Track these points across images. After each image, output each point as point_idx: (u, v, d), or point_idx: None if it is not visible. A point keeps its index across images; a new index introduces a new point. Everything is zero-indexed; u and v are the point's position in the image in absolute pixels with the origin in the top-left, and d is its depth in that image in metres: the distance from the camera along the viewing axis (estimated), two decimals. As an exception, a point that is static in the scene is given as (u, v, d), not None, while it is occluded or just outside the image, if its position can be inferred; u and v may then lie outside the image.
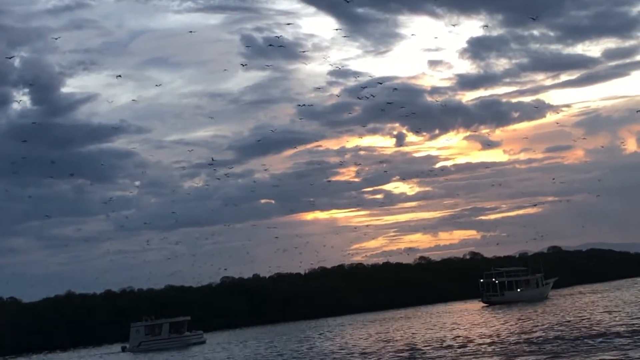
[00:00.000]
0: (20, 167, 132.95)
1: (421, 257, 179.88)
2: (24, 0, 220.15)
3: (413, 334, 63.39)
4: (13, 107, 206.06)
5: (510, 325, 61.10)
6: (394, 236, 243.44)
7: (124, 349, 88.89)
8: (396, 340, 57.53)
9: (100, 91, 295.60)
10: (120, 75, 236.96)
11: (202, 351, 73.96)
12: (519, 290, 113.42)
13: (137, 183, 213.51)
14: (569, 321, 58.13)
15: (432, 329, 66.73)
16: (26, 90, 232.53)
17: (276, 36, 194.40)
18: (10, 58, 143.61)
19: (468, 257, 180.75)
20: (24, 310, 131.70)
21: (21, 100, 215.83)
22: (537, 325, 57.36)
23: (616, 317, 57.39)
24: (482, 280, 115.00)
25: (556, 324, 56.37)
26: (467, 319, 79.84)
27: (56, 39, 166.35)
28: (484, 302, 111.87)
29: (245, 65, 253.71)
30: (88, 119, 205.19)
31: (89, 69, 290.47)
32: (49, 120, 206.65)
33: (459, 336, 55.31)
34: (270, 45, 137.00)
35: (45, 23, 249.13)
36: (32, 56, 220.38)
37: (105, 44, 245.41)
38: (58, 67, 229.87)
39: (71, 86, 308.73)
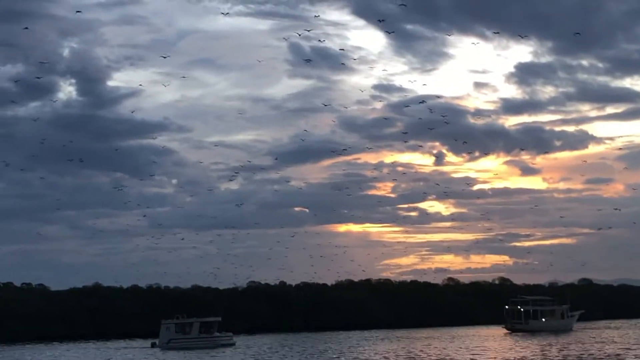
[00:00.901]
0: (60, 156, 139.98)
1: (449, 279, 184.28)
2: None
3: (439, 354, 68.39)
4: (59, 96, 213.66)
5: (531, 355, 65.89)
6: (425, 255, 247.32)
7: (153, 345, 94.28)
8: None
9: (145, 87, 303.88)
10: (166, 85, 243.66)
11: (233, 354, 79.26)
12: (543, 319, 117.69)
13: (174, 181, 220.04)
14: (590, 354, 62.78)
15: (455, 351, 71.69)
16: (73, 80, 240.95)
17: (323, 45, 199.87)
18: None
19: (497, 282, 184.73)
20: (51, 298, 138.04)
21: (68, 90, 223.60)
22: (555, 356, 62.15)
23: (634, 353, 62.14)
24: (507, 307, 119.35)
25: (574, 357, 61.11)
26: (488, 345, 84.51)
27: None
28: (507, 329, 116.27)
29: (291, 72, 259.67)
30: (131, 114, 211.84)
31: (136, 65, 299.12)
32: (93, 112, 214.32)
33: None
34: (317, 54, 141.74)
35: (97, 16, 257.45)
36: (81, 47, 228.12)
37: (154, 41, 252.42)
38: (106, 60, 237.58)
39: (117, 80, 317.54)
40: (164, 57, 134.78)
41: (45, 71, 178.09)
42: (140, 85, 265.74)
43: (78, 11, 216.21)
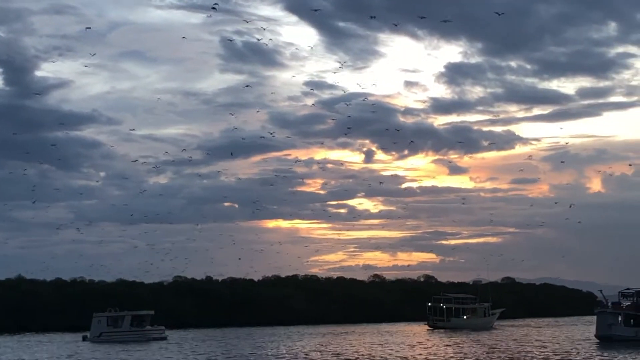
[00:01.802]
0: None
1: (375, 275, 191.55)
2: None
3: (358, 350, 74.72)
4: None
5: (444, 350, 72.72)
6: (353, 252, 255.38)
7: (84, 339, 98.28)
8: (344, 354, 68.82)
9: (74, 78, 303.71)
10: (86, 66, 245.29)
11: (165, 347, 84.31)
12: (464, 317, 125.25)
13: (102, 174, 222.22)
14: (501, 351, 69.81)
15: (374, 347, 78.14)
16: (0, 69, 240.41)
17: (256, 40, 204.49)
18: None
19: (422, 279, 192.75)
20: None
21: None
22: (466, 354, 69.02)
23: (545, 351, 69.33)
24: (429, 304, 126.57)
25: (487, 353, 68.05)
26: (399, 340, 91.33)
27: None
28: (430, 326, 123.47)
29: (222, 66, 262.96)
30: (59, 104, 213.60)
31: (65, 55, 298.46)
32: (21, 102, 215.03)
33: (404, 357, 66.74)
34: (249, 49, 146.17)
35: (26, 5, 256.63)
36: (9, 36, 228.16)
37: (83, 32, 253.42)
38: (34, 50, 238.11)
39: (45, 70, 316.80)
40: (92, 55, 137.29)
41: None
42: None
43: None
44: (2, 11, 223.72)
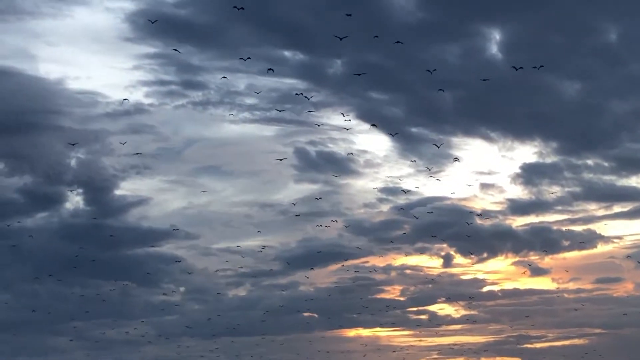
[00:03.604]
0: (68, 266, 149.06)
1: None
2: (84, 103, 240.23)
3: None
4: (66, 206, 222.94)
5: None
6: (436, 359, 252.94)
7: None
8: None
9: (152, 195, 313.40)
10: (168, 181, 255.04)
11: None
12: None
13: (182, 289, 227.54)
14: None
15: None
16: (80, 190, 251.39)
17: (329, 149, 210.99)
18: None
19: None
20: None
21: (75, 200, 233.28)
22: None
23: None
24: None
25: None
26: None
27: (123, 144, 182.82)
28: None
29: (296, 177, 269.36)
30: (138, 222, 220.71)
31: (142, 173, 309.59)
32: (101, 221, 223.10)
33: None
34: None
35: (104, 126, 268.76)
36: (88, 158, 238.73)
37: (160, 149, 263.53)
38: (112, 170, 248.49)
39: (124, 189, 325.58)
40: (170, 166, 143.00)
41: (52, 182, 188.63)
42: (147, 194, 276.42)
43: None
44: (82, 133, 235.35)
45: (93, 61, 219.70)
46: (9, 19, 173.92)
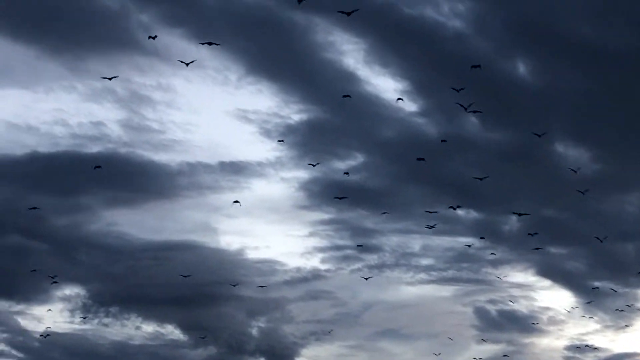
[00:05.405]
0: None
1: None
2: (263, 272, 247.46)
3: None
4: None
5: None
6: None
7: None
8: None
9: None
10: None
11: None
12: None
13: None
14: None
15: None
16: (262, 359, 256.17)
17: (510, 308, 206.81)
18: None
19: None
20: None
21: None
22: None
23: None
24: None
25: None
26: None
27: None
28: None
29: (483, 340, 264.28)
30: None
31: (322, 340, 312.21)
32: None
33: None
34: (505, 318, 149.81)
35: (284, 294, 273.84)
36: (269, 326, 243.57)
37: (339, 315, 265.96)
38: (292, 337, 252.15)
39: (304, 356, 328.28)
40: (348, 331, 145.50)
41: (235, 352, 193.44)
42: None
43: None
44: (262, 302, 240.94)
45: (271, 230, 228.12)
46: (192, 194, 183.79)
